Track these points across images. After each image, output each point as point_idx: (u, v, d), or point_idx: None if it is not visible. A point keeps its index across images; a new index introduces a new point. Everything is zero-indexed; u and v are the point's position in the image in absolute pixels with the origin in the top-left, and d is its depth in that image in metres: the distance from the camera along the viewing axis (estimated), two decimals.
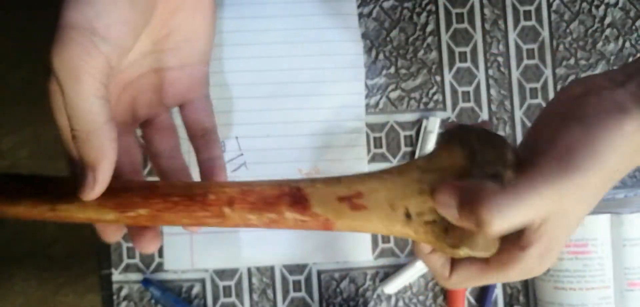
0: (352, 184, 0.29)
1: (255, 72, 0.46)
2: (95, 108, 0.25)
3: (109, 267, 0.46)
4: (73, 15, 0.25)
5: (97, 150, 0.26)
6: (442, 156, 0.28)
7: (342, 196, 0.29)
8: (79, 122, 0.26)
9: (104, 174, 0.27)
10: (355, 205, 0.28)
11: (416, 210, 0.28)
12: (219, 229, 0.46)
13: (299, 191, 0.29)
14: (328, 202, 0.29)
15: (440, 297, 0.47)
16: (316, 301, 0.47)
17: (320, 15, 0.47)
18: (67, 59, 0.25)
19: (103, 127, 0.26)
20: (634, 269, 0.43)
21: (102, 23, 0.25)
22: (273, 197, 0.29)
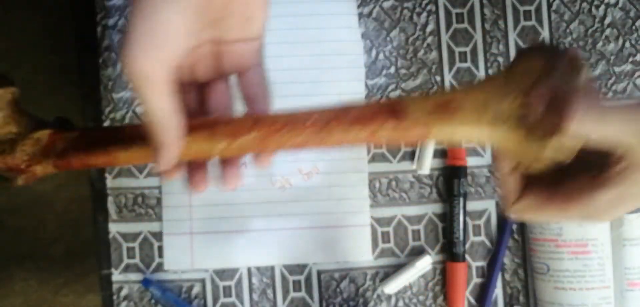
0: (443, 95, 0.31)
1: None
2: (166, 105, 0.30)
3: (109, 267, 0.46)
4: (143, 25, 0.28)
5: (170, 138, 0.31)
6: (523, 65, 0.30)
7: (436, 105, 0.31)
8: (154, 118, 0.30)
9: (174, 154, 0.32)
10: (449, 111, 0.30)
11: (504, 114, 0.30)
12: (220, 229, 0.46)
13: (395, 105, 0.31)
14: (423, 112, 0.31)
15: (440, 297, 0.47)
16: (316, 300, 0.47)
17: (320, 16, 0.47)
18: (141, 70, 0.28)
19: (173, 118, 0.31)
20: (633, 269, 0.43)
21: (171, 30, 0.29)
22: (372, 113, 0.31)
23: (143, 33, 0.28)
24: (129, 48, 0.28)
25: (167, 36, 0.29)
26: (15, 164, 0.34)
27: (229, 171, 0.35)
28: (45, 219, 1.15)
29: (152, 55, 0.29)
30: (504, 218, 0.47)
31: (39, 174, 0.34)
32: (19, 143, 0.33)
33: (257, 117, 0.33)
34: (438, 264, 0.47)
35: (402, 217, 0.47)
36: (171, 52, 0.29)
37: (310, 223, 0.46)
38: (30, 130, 0.34)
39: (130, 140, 0.33)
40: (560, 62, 0.29)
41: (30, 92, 1.28)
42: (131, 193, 0.46)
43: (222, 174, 0.35)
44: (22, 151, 0.33)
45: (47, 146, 0.34)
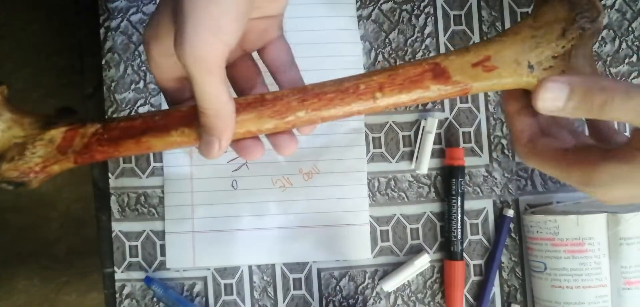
0: (480, 50, 0.32)
1: None
2: (221, 92, 0.30)
3: (112, 265, 0.47)
4: (203, 16, 0.28)
5: (224, 124, 0.31)
6: (547, 12, 0.32)
7: (474, 62, 0.32)
8: (209, 105, 0.30)
9: (227, 140, 0.32)
10: (487, 67, 0.32)
11: (536, 60, 0.32)
12: (221, 228, 0.46)
13: (438, 65, 0.32)
14: (464, 70, 0.32)
15: (438, 295, 0.47)
16: (316, 298, 0.47)
17: (319, 18, 0.47)
18: (199, 56, 0.28)
19: (227, 105, 0.31)
20: (630, 268, 0.43)
21: (227, 20, 0.29)
22: (417, 75, 0.32)
23: (201, 18, 0.28)
24: (187, 33, 0.28)
25: (224, 21, 0.29)
26: (28, 169, 0.33)
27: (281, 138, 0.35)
28: (48, 218, 1.15)
29: (210, 41, 0.28)
30: (501, 217, 0.48)
31: (57, 171, 0.34)
32: (29, 146, 0.32)
33: (302, 92, 0.33)
34: (436, 263, 0.48)
35: (400, 216, 0.48)
36: (227, 37, 0.29)
37: (310, 222, 0.47)
38: (39, 130, 0.33)
39: (168, 127, 0.33)
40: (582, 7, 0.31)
41: (33, 93, 1.29)
42: (134, 192, 0.47)
43: (274, 142, 0.35)
44: (33, 154, 0.32)
45: (62, 145, 0.33)
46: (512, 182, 0.48)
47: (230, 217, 0.46)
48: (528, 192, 0.48)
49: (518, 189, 0.48)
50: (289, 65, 0.37)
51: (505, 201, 0.48)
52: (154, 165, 0.47)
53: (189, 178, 0.47)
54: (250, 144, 0.34)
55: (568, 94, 0.30)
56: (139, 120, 0.33)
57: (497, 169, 0.48)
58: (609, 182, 0.30)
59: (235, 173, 0.47)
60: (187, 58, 0.28)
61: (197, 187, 0.46)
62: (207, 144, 0.32)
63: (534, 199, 0.48)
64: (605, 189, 0.30)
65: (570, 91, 0.30)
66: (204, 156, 0.33)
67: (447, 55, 0.33)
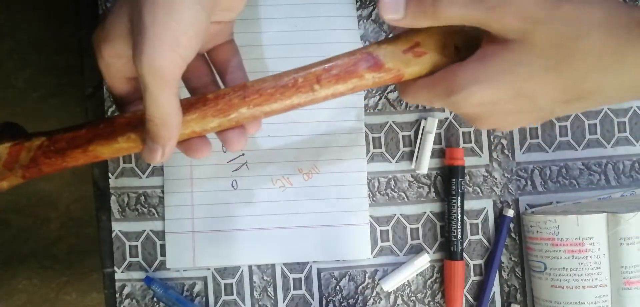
0: (410, 37, 0.34)
1: (255, 73, 0.47)
2: (173, 104, 0.31)
3: (112, 265, 0.47)
4: (162, 31, 0.29)
5: (169, 133, 0.32)
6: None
7: (405, 48, 0.34)
8: (158, 113, 0.31)
9: (171, 149, 0.33)
10: (417, 53, 0.34)
11: (462, 43, 0.34)
12: (221, 228, 0.47)
13: (371, 54, 0.34)
14: (396, 57, 0.34)
15: (438, 295, 0.47)
16: (316, 298, 0.47)
17: (319, 18, 0.47)
18: (156, 68, 0.29)
19: (175, 116, 0.32)
20: (630, 268, 0.43)
21: (186, 37, 0.30)
22: (352, 64, 0.34)
23: (160, 33, 0.29)
24: (146, 46, 0.29)
25: (183, 38, 0.30)
26: None
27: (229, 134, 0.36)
28: (49, 218, 1.16)
29: (168, 56, 0.29)
30: (501, 217, 0.48)
31: (6, 188, 0.34)
32: None
33: (243, 90, 0.34)
34: (436, 263, 0.48)
35: (400, 216, 0.48)
36: (185, 52, 0.30)
37: (310, 222, 0.47)
38: None
39: (114, 134, 0.33)
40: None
41: (33, 93, 1.30)
42: (134, 192, 0.47)
43: (223, 139, 0.36)
44: None
45: (8, 161, 0.33)
46: (512, 182, 0.48)
47: (230, 217, 0.47)
48: (528, 192, 0.48)
49: (518, 189, 0.48)
50: (236, 67, 0.38)
51: (505, 200, 0.48)
52: (154, 165, 0.47)
53: (189, 178, 0.47)
54: (197, 143, 0.35)
55: (404, 3, 0.32)
56: (85, 130, 0.34)
57: (497, 169, 0.48)
58: (466, 85, 0.32)
59: (235, 173, 0.47)
60: (144, 69, 0.29)
61: (197, 187, 0.47)
62: (151, 150, 0.33)
63: (533, 199, 0.48)
64: (465, 94, 0.32)
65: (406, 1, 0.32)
66: (146, 160, 0.34)
67: (379, 44, 0.34)
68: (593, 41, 0.29)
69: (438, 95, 0.33)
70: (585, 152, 0.48)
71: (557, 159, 0.48)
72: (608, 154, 0.49)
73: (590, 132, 0.49)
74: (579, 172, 0.48)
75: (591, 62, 0.29)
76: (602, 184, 0.48)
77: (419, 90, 0.34)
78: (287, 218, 0.47)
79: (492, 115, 0.33)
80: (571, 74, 0.30)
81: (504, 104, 0.32)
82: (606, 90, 0.30)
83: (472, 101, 0.32)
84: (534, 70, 0.30)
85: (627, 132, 0.49)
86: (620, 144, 0.49)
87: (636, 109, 0.49)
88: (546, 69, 0.30)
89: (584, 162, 0.48)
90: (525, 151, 0.48)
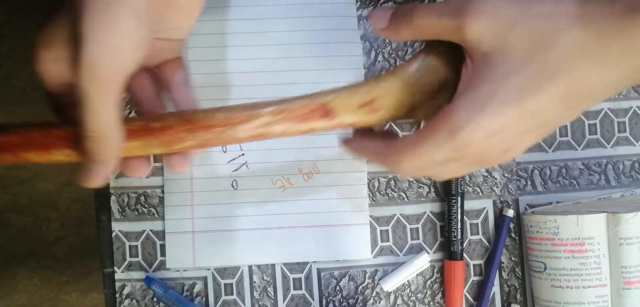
0: (368, 91, 0.34)
1: (256, 74, 0.47)
2: (113, 116, 0.30)
3: (112, 265, 0.47)
4: (101, 41, 0.28)
5: (109, 151, 0.31)
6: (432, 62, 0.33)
7: (361, 103, 0.34)
8: (98, 127, 0.30)
9: (110, 167, 0.31)
10: (372, 109, 0.34)
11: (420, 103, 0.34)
12: (221, 228, 0.47)
13: (325, 105, 0.34)
14: (350, 110, 0.34)
15: (438, 295, 0.47)
16: (316, 298, 0.47)
17: (319, 18, 0.47)
18: (96, 78, 0.29)
19: (115, 131, 0.31)
20: (630, 268, 0.43)
21: (126, 47, 0.29)
22: (304, 114, 0.34)
23: (100, 41, 0.28)
24: (85, 53, 0.28)
25: (124, 48, 0.29)
26: None
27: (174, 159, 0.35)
28: (49, 218, 1.16)
29: (108, 66, 0.29)
30: (501, 217, 0.48)
31: None
32: None
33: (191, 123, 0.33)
34: (436, 262, 0.48)
35: (400, 216, 0.48)
36: (126, 62, 0.29)
37: (310, 222, 0.47)
38: None
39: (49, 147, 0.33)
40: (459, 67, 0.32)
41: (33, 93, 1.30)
42: (134, 192, 0.47)
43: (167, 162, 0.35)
44: None
45: None
46: (512, 182, 0.48)
47: (230, 217, 0.47)
48: (528, 192, 0.48)
49: (518, 189, 0.48)
50: (182, 84, 0.37)
51: (505, 200, 0.48)
52: (154, 165, 0.47)
53: (189, 178, 0.47)
54: (136, 162, 0.35)
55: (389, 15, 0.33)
56: (18, 136, 0.33)
57: (497, 169, 0.48)
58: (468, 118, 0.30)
59: (235, 173, 0.47)
60: (83, 77, 0.29)
61: (197, 187, 0.47)
62: (89, 171, 0.32)
63: (533, 199, 0.48)
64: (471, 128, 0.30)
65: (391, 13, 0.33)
66: (81, 184, 0.32)
67: (335, 95, 0.34)
68: (573, 35, 0.28)
69: (440, 143, 0.31)
70: (585, 152, 0.48)
71: (557, 159, 0.48)
72: (608, 154, 0.49)
73: (590, 132, 0.49)
74: (579, 172, 0.48)
75: (576, 56, 0.28)
76: (602, 184, 0.48)
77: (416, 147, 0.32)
78: (287, 218, 0.47)
79: (504, 142, 0.31)
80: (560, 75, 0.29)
81: (511, 128, 0.30)
82: (600, 84, 0.29)
83: (479, 135, 0.30)
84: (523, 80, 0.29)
85: (627, 132, 0.49)
86: (620, 144, 0.49)
87: (636, 109, 0.49)
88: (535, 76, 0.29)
89: (584, 162, 0.48)
90: (525, 151, 0.48)
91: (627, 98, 0.49)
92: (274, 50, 0.47)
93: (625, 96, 0.49)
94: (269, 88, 0.47)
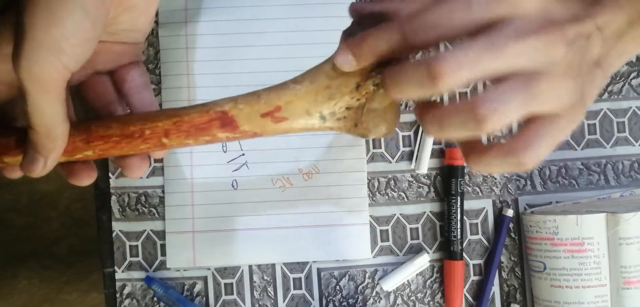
0: (270, 99, 0.32)
1: (256, 74, 0.47)
2: (57, 112, 0.30)
3: (112, 265, 0.47)
4: (43, 35, 0.28)
5: (53, 144, 0.30)
6: None
7: (264, 112, 0.32)
8: (42, 122, 0.29)
9: (54, 161, 0.31)
10: (277, 118, 0.32)
11: (329, 111, 0.32)
12: (221, 228, 0.47)
13: (226, 114, 0.32)
14: (253, 120, 0.32)
15: (438, 295, 0.48)
16: (316, 298, 0.47)
17: (319, 18, 0.47)
18: (36, 74, 0.28)
19: (61, 125, 0.30)
20: (630, 268, 0.43)
21: (69, 43, 0.28)
22: (203, 123, 0.32)
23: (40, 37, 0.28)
24: (24, 49, 0.28)
25: (65, 44, 0.28)
26: None
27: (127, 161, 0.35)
28: (49, 218, 1.16)
29: (49, 61, 0.28)
30: (500, 217, 0.48)
31: None
32: None
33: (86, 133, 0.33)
34: (436, 262, 0.48)
35: (400, 216, 0.48)
36: (69, 59, 0.29)
37: (310, 222, 0.47)
38: None
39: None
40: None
41: None
42: (134, 192, 0.47)
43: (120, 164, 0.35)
44: None
45: None
46: (511, 182, 0.48)
47: (230, 217, 0.47)
48: (527, 192, 0.48)
49: (517, 188, 0.48)
50: (140, 88, 0.37)
51: (505, 200, 0.48)
52: (155, 165, 0.47)
53: (189, 178, 0.47)
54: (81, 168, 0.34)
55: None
56: None
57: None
58: None
59: (235, 173, 0.47)
60: (23, 73, 0.28)
61: (197, 187, 0.47)
62: (32, 160, 0.31)
63: (533, 198, 0.48)
64: None
65: None
66: (24, 171, 0.32)
67: (236, 103, 0.32)
68: None
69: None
70: (585, 152, 0.49)
71: (556, 159, 0.48)
72: (607, 154, 0.49)
73: (590, 132, 0.49)
74: (578, 172, 0.48)
75: None
76: (602, 184, 0.48)
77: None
78: (287, 218, 0.47)
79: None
80: None
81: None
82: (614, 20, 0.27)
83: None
84: None
85: (627, 132, 0.49)
86: (620, 144, 0.49)
87: (635, 109, 0.49)
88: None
89: (584, 162, 0.48)
90: None
91: (626, 98, 0.49)
92: (274, 50, 0.47)
93: (624, 96, 0.49)
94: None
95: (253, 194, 0.47)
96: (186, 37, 0.47)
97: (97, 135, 0.32)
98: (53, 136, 0.30)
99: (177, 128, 0.32)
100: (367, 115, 0.31)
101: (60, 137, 0.31)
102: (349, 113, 0.31)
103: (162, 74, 0.47)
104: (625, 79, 0.49)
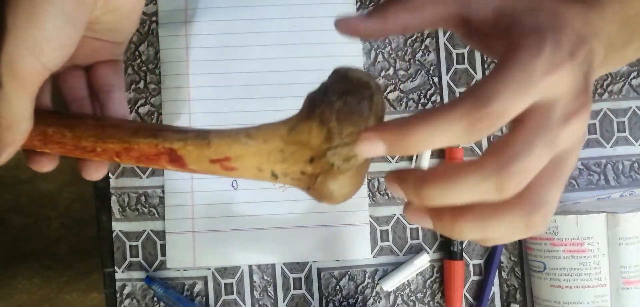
0: (220, 148, 0.31)
1: (255, 74, 0.47)
2: (25, 109, 0.30)
3: (113, 265, 0.47)
4: (24, 35, 0.28)
5: (12, 138, 0.31)
6: (303, 129, 0.29)
7: (213, 159, 0.31)
8: (7, 115, 0.30)
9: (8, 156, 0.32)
10: (226, 167, 0.31)
11: (281, 171, 0.31)
12: (221, 228, 0.47)
13: (174, 152, 0.31)
14: (201, 163, 0.31)
15: (438, 295, 0.48)
16: (316, 298, 0.47)
17: (319, 18, 0.47)
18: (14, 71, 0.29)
19: (25, 123, 0.31)
20: (629, 268, 0.43)
21: (49, 45, 0.29)
22: (152, 155, 0.32)
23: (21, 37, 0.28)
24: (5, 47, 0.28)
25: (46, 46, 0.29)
26: None
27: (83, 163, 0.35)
28: (49, 218, 1.16)
29: (28, 60, 0.29)
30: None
31: None
32: None
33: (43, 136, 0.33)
34: (436, 262, 0.48)
35: (400, 216, 0.48)
36: (48, 60, 0.29)
37: (310, 222, 0.47)
38: None
39: None
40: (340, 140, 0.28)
41: None
42: (134, 192, 0.47)
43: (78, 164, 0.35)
44: None
45: None
46: None
47: (230, 217, 0.47)
48: None
49: None
50: (112, 88, 0.37)
51: None
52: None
53: (189, 178, 0.47)
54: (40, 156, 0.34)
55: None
56: None
57: None
58: None
59: None
60: (2, 67, 0.29)
61: (197, 187, 0.47)
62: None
63: None
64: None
65: None
66: None
67: (185, 143, 0.31)
68: None
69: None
70: (585, 152, 0.49)
71: None
72: (607, 154, 0.49)
73: (590, 132, 0.49)
74: (578, 172, 0.48)
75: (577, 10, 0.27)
76: (602, 184, 0.48)
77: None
78: (287, 218, 0.47)
79: None
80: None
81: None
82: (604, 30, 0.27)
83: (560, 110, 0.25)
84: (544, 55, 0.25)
85: (627, 132, 0.49)
86: (620, 144, 0.49)
87: (635, 109, 0.49)
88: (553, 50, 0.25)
89: (584, 162, 0.49)
90: None
91: (626, 98, 0.49)
92: (273, 50, 0.47)
93: (624, 96, 0.49)
94: (268, 88, 0.47)
95: (253, 194, 0.47)
96: (186, 37, 0.47)
97: (53, 141, 0.33)
98: (14, 131, 0.31)
99: (127, 153, 0.32)
100: (322, 184, 0.30)
101: (21, 133, 0.31)
102: (302, 177, 0.30)
103: (162, 74, 0.47)
104: (625, 79, 0.49)
